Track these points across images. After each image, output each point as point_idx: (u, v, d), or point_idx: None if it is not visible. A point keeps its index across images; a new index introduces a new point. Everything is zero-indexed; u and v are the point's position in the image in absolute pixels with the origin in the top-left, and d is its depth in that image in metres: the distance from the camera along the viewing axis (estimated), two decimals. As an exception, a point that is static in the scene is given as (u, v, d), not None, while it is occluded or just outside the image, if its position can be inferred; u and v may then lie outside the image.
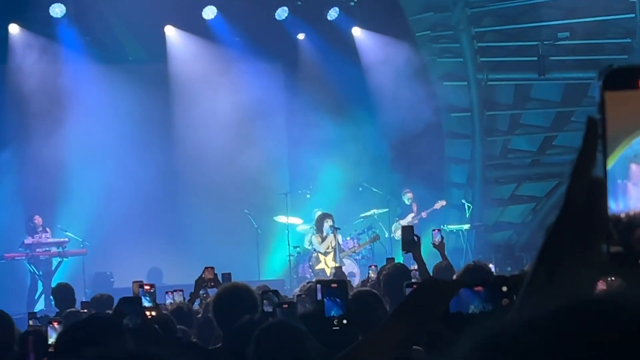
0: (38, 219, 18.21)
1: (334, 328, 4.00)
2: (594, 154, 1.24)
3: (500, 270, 16.41)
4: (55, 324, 6.05)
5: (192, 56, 20.50)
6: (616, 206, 1.23)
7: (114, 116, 19.57)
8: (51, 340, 5.94)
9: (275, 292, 6.81)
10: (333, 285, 4.24)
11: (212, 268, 9.04)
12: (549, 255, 1.33)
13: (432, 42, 20.75)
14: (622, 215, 1.22)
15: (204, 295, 9.03)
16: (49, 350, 5.88)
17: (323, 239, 18.13)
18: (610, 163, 1.22)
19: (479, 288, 3.05)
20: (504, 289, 3.06)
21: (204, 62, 20.56)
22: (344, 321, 3.99)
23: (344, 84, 20.07)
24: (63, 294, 10.72)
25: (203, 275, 8.99)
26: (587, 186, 1.25)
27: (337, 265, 17.07)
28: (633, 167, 1.22)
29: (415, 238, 7.82)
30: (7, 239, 18.19)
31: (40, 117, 19.28)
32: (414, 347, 3.03)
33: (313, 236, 18.27)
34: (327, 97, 20.02)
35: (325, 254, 18.07)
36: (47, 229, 18.29)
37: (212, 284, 8.87)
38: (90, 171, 19.43)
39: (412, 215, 18.98)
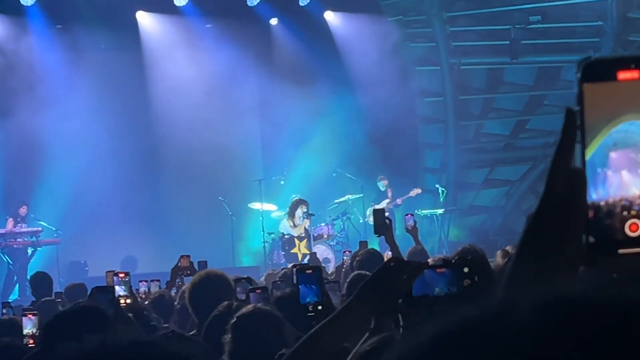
0: (23, 210, 18.13)
1: (309, 314, 4.02)
2: (573, 145, 1.25)
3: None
4: (31, 316, 6.04)
5: (165, 43, 20.42)
6: (596, 195, 1.23)
7: (86, 105, 19.46)
8: (26, 330, 5.92)
9: (248, 279, 6.81)
10: (308, 271, 4.25)
11: (188, 256, 9.04)
12: (529, 245, 1.33)
13: (404, 27, 20.75)
14: (602, 203, 1.23)
15: (180, 283, 9.02)
16: (25, 340, 5.86)
17: (295, 224, 18.15)
18: (590, 153, 1.23)
19: (442, 270, 3.09)
20: (466, 270, 3.09)
21: (176, 48, 20.49)
22: (319, 307, 4.00)
23: (317, 69, 20.04)
24: (40, 282, 10.67)
25: (179, 264, 8.98)
26: (567, 176, 1.26)
27: (309, 252, 17.10)
28: (612, 155, 1.23)
29: (387, 221, 7.84)
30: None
31: (11, 106, 19.18)
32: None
33: (284, 220, 18.30)
34: (300, 83, 19.98)
35: (300, 238, 18.09)
36: (25, 219, 18.21)
37: (188, 272, 8.87)
38: (63, 160, 19.34)
39: (387, 201, 18.99)
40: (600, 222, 1.22)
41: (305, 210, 18.14)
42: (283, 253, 18.03)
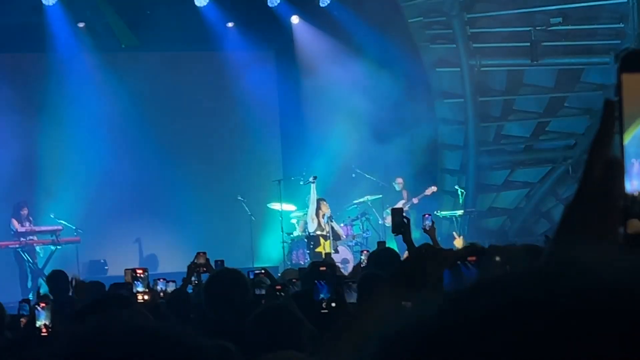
0: (25, 211, 18.12)
1: (322, 311, 4.03)
2: (611, 135, 1.25)
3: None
4: (43, 305, 6.04)
5: (186, 41, 20.46)
6: (631, 186, 1.23)
7: (108, 104, 19.55)
8: (39, 323, 5.94)
9: (266, 272, 6.79)
10: (322, 268, 4.26)
11: (204, 253, 9.03)
12: (567, 233, 1.33)
13: (424, 29, 20.73)
14: (636, 194, 1.23)
15: (195, 282, 9.02)
16: (39, 332, 5.87)
17: (320, 224, 18.16)
18: (625, 143, 1.23)
19: (472, 258, 3.06)
20: (497, 259, 3.07)
21: (197, 47, 20.59)
22: (332, 304, 4.02)
23: (337, 70, 20.02)
24: (57, 281, 10.68)
25: (195, 260, 8.97)
26: (604, 166, 1.26)
27: (333, 251, 17.13)
28: None
29: (405, 220, 7.83)
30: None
31: (31, 104, 19.29)
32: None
33: (308, 219, 18.26)
34: (320, 84, 19.98)
35: (325, 237, 18.11)
36: (30, 218, 18.21)
37: (205, 269, 8.86)
38: (85, 159, 19.45)
39: (402, 202, 18.97)
40: (636, 213, 1.22)
41: (328, 210, 18.20)
42: (308, 251, 18.01)
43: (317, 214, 18.25)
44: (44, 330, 5.84)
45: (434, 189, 19.28)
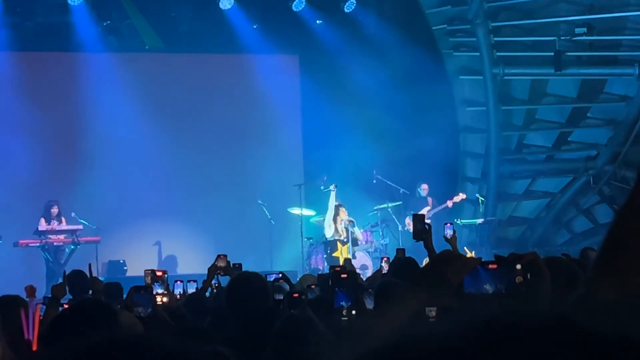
0: (55, 209, 18.23)
1: (343, 318, 4.02)
2: None
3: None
4: (67, 306, 6.06)
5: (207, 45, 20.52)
6: None
7: (130, 104, 19.62)
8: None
9: (284, 277, 6.78)
10: (343, 275, 4.26)
11: (225, 256, 9.02)
12: (616, 240, 1.31)
13: (448, 36, 20.72)
14: None
15: (216, 284, 9.02)
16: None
17: (337, 229, 18.20)
18: None
19: (494, 266, 3.07)
20: (518, 267, 3.07)
21: (218, 51, 20.64)
22: (353, 312, 4.01)
23: (360, 75, 20.02)
24: (77, 280, 10.72)
25: (216, 263, 8.96)
26: None
27: (349, 257, 17.10)
28: None
29: (427, 227, 7.81)
30: (21, 226, 18.22)
31: (55, 105, 19.39)
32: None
33: (326, 224, 18.28)
34: (343, 89, 19.98)
35: (342, 242, 18.12)
36: (63, 218, 18.33)
37: (222, 272, 8.86)
38: (106, 159, 19.54)
39: (427, 208, 18.95)
40: None
41: (347, 215, 18.22)
42: (325, 256, 18.03)
43: (334, 220, 18.28)
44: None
45: (463, 196, 19.30)
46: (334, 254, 17.98)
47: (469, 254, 18.13)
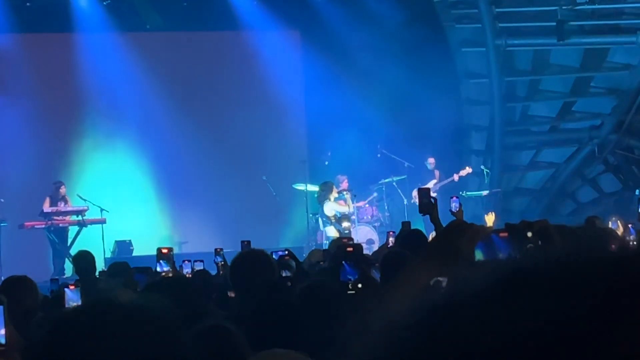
0: (63, 189, 18.25)
1: (349, 292, 4.00)
2: None
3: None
4: (72, 287, 6.04)
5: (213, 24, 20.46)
6: None
7: (132, 84, 19.60)
8: (71, 304, 5.94)
9: (290, 253, 6.76)
10: (349, 249, 4.24)
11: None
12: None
13: (450, 8, 20.61)
14: None
15: (221, 262, 9.00)
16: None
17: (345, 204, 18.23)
18: None
19: (504, 234, 3.04)
20: (529, 234, 3.05)
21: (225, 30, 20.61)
22: (359, 285, 3.99)
23: (362, 50, 19.96)
24: (83, 261, 10.73)
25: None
26: None
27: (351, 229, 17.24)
28: None
29: (432, 200, 7.79)
30: (25, 207, 18.20)
31: (57, 85, 19.37)
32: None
33: (330, 202, 18.23)
34: (345, 64, 19.93)
35: (347, 217, 18.12)
36: (67, 198, 18.34)
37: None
38: (110, 139, 19.55)
39: (434, 181, 18.95)
40: None
41: (345, 190, 18.22)
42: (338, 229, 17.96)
43: (329, 198, 18.20)
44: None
45: (469, 169, 19.27)
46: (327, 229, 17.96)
47: (489, 215, 18.15)
